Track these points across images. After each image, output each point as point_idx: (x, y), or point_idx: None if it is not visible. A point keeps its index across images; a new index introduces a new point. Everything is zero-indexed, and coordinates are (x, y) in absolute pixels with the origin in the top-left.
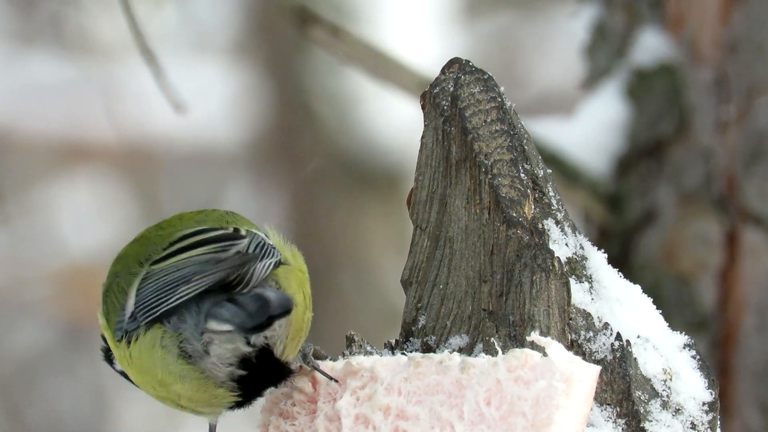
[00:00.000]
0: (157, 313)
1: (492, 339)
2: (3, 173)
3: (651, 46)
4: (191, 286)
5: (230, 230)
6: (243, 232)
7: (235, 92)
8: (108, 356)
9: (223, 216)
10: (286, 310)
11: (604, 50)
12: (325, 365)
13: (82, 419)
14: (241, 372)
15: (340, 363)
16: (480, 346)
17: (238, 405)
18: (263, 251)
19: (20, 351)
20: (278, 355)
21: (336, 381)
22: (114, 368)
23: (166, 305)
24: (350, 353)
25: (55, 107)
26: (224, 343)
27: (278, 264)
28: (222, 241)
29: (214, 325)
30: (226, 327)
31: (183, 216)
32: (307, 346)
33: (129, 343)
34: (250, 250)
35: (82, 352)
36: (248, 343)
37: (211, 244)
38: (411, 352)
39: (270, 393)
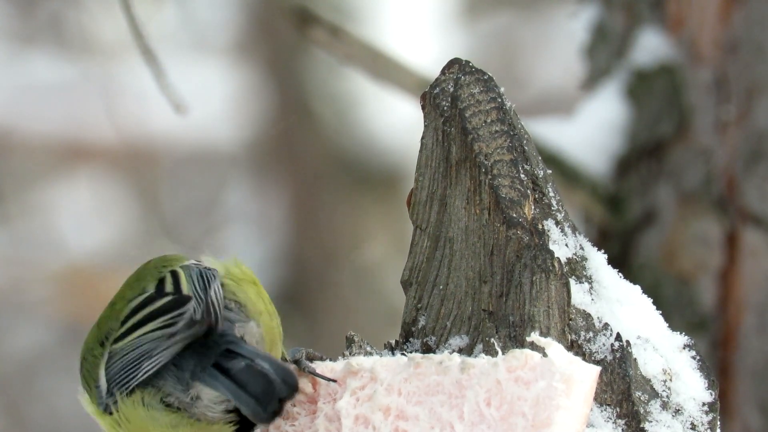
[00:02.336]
0: (130, 387)
1: (492, 339)
2: (3, 173)
3: (651, 46)
4: (153, 361)
5: (172, 295)
6: (184, 288)
7: (235, 92)
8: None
9: (156, 267)
10: (293, 388)
11: (604, 50)
12: (325, 366)
13: (82, 419)
14: (231, 407)
15: (340, 363)
16: (480, 346)
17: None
18: (206, 281)
19: (20, 351)
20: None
21: (334, 381)
22: None
23: (136, 380)
24: (350, 354)
25: (55, 107)
26: (213, 390)
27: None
28: (168, 312)
29: (207, 391)
30: (223, 397)
31: (127, 282)
32: (296, 351)
33: (112, 413)
34: (202, 296)
35: None
36: None
37: (157, 318)
38: (411, 352)
39: None
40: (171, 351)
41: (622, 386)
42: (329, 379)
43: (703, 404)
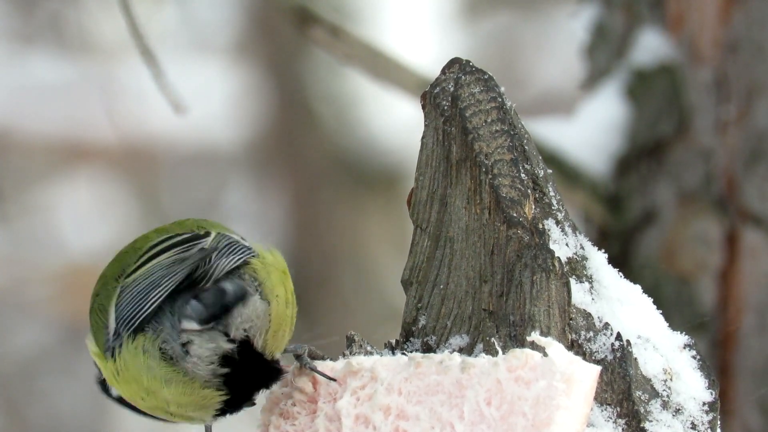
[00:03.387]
0: (136, 322)
1: (492, 339)
2: (3, 173)
3: (651, 46)
4: (161, 290)
5: (197, 232)
6: (212, 234)
7: (235, 92)
8: (104, 387)
9: (196, 222)
10: (240, 297)
11: (604, 50)
12: (325, 365)
13: (82, 419)
14: (224, 369)
15: (341, 363)
16: (480, 346)
17: (229, 409)
18: (231, 248)
19: (20, 351)
20: (260, 349)
21: (334, 380)
22: (111, 397)
23: (143, 313)
24: (350, 353)
25: (55, 107)
26: (204, 342)
27: (252, 257)
28: (186, 243)
29: (186, 324)
30: (195, 326)
31: (159, 228)
32: (300, 347)
33: (115, 359)
34: (216, 245)
35: (82, 352)
36: (228, 340)
37: (176, 247)
38: (411, 352)
39: (270, 393)
40: (178, 277)
41: (622, 386)
42: (330, 378)
43: (704, 404)
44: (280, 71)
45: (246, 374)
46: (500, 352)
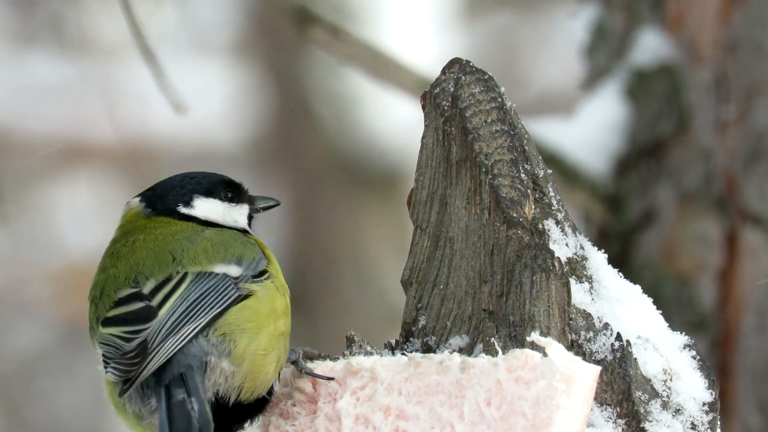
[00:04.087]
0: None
1: (492, 339)
2: (3, 173)
3: (651, 46)
4: (112, 374)
5: (153, 305)
6: (164, 309)
7: (235, 92)
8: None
9: (175, 250)
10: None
11: (604, 50)
12: (325, 365)
13: (82, 419)
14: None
15: (341, 363)
16: (480, 346)
17: None
18: (188, 315)
19: (20, 351)
20: (234, 403)
21: (331, 379)
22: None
23: (107, 377)
24: (350, 353)
25: (55, 107)
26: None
27: (232, 304)
28: (135, 322)
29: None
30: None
31: (134, 243)
32: (292, 352)
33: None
34: (162, 330)
35: (82, 352)
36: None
37: (127, 323)
38: (411, 352)
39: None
40: (116, 376)
41: (622, 386)
42: (326, 378)
43: (704, 404)
44: (280, 71)
45: (224, 422)
46: (500, 352)
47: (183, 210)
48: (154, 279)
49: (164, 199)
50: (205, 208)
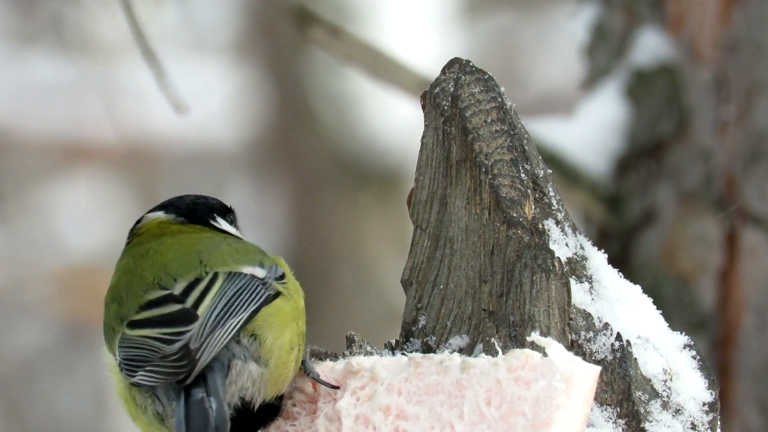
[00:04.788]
0: (130, 382)
1: (492, 339)
2: (3, 173)
3: (651, 46)
4: (143, 378)
5: (188, 306)
6: (202, 308)
7: (235, 92)
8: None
9: (201, 252)
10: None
11: (604, 50)
12: (325, 365)
13: (82, 419)
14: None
15: (341, 363)
16: (480, 346)
17: None
18: (228, 311)
19: (20, 351)
20: (258, 406)
21: (337, 387)
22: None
23: (131, 379)
24: (350, 353)
25: (55, 107)
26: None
27: (266, 301)
28: (174, 324)
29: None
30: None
31: (160, 246)
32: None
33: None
34: (205, 328)
35: (82, 352)
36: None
37: (165, 325)
38: (411, 352)
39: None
40: (156, 380)
41: (622, 386)
42: (332, 386)
43: (704, 404)
44: (280, 71)
45: (246, 425)
46: (500, 352)
47: (212, 222)
48: (184, 280)
49: (194, 212)
50: (223, 225)
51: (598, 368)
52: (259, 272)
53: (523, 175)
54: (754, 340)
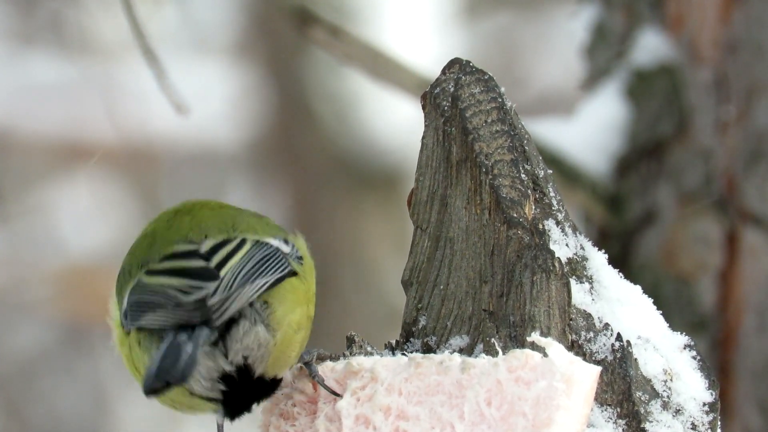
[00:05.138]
0: (134, 325)
1: (492, 339)
2: (3, 173)
3: (651, 46)
4: (150, 320)
5: (212, 266)
6: (224, 269)
7: (236, 93)
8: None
9: (233, 219)
10: (180, 379)
11: (604, 50)
12: (326, 365)
13: (82, 419)
14: (221, 386)
15: (341, 363)
16: (480, 346)
17: (229, 415)
18: (256, 271)
19: (20, 351)
20: (258, 375)
21: (339, 396)
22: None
23: (137, 323)
24: (351, 354)
25: (55, 107)
26: (204, 359)
27: (287, 275)
28: (195, 278)
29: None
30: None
31: (199, 209)
32: (307, 353)
33: (128, 332)
34: (220, 290)
35: (82, 352)
36: (228, 361)
37: (185, 277)
38: (411, 352)
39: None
40: (166, 323)
41: (622, 386)
42: (335, 393)
43: (704, 404)
44: (280, 71)
45: (242, 393)
46: (500, 352)
47: None
48: (213, 238)
49: None
50: None
51: (598, 368)
52: (284, 248)
53: (523, 176)
54: (754, 340)
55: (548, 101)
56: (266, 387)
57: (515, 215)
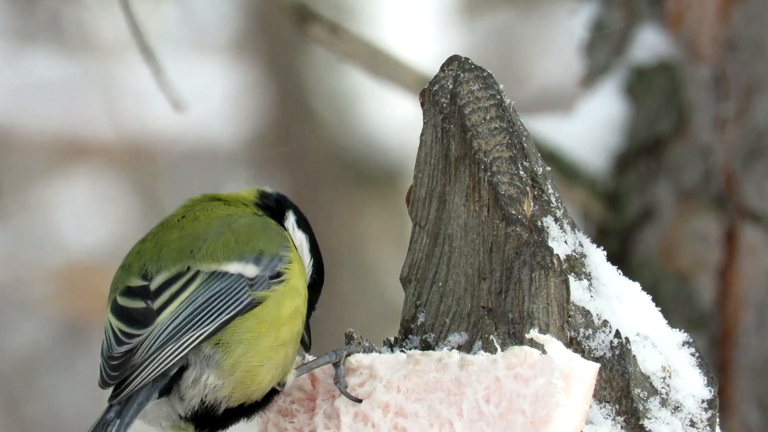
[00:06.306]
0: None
1: (491, 336)
2: (3, 172)
3: (650, 43)
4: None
5: (155, 307)
6: (162, 315)
7: (235, 90)
8: None
9: (206, 238)
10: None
11: (603, 48)
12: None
13: (81, 418)
14: (189, 424)
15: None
16: (479, 343)
17: None
18: (190, 322)
19: (20, 349)
20: (225, 409)
21: (360, 401)
22: None
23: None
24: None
25: (54, 105)
26: (158, 411)
27: (245, 309)
28: (133, 324)
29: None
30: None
31: (191, 221)
32: (333, 354)
33: None
34: (142, 350)
35: (82, 351)
36: (185, 406)
37: (125, 321)
38: (410, 349)
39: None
40: (101, 384)
41: (621, 383)
42: (356, 400)
43: (703, 401)
44: (279, 69)
45: (213, 424)
46: (499, 349)
47: (283, 220)
48: (167, 271)
49: (279, 202)
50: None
51: (597, 365)
52: (250, 270)
53: (521, 173)
54: (753, 337)
55: (547, 98)
56: (243, 411)
57: (514, 212)
